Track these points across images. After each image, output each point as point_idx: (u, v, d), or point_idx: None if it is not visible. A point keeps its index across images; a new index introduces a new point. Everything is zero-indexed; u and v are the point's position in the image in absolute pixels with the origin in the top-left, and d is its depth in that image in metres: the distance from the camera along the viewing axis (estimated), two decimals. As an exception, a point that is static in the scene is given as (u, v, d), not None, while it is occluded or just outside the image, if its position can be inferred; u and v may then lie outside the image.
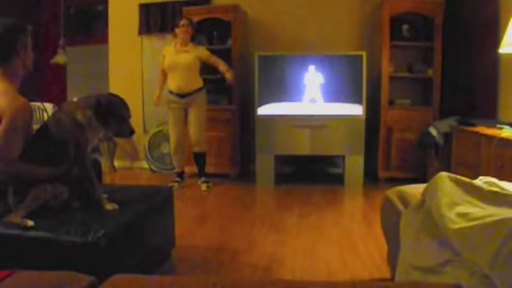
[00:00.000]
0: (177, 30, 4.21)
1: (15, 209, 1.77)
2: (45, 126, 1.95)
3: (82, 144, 1.93)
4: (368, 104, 4.40)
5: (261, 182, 4.48)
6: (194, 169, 4.68)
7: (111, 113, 1.95)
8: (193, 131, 4.25)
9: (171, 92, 4.23)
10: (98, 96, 1.96)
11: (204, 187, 4.32)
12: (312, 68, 4.35)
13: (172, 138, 4.32)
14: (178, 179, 4.43)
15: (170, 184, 4.30)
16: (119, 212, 1.93)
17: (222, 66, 4.19)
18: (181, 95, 4.17)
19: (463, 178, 1.66)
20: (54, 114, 2.03)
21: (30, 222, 1.71)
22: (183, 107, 4.24)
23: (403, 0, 4.39)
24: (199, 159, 4.35)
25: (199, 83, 4.23)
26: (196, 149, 4.30)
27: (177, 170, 4.45)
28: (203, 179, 4.38)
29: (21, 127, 1.79)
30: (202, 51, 4.21)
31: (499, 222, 1.28)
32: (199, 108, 4.24)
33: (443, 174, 1.66)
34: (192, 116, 4.24)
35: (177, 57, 4.14)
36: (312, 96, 4.38)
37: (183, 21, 4.19)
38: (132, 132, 2.06)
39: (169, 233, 2.41)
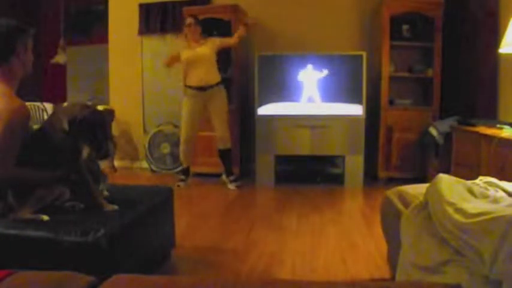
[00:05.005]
0: (186, 31, 4.23)
1: (19, 208, 1.77)
2: (42, 129, 1.96)
3: (72, 152, 1.89)
4: (368, 104, 4.40)
5: (261, 182, 4.48)
6: (196, 169, 4.67)
7: (85, 132, 1.84)
8: (218, 128, 4.23)
9: (190, 87, 4.19)
10: (75, 111, 1.85)
11: (232, 186, 4.30)
12: (310, 67, 4.35)
13: (184, 130, 4.28)
14: (183, 176, 4.40)
15: (176, 184, 4.28)
16: (119, 212, 1.93)
17: (234, 37, 4.22)
18: (203, 89, 4.14)
19: (461, 180, 1.69)
20: (48, 119, 2.02)
21: (46, 217, 1.73)
22: (202, 101, 4.20)
23: (403, 0, 4.39)
24: (225, 156, 4.32)
25: (218, 77, 4.22)
26: (221, 146, 4.28)
27: (183, 164, 4.42)
28: (231, 177, 4.35)
29: (17, 130, 1.76)
30: (214, 41, 4.22)
31: (496, 219, 1.29)
32: (221, 104, 4.22)
33: (443, 175, 1.69)
34: (214, 113, 4.21)
35: (195, 51, 4.14)
36: (310, 95, 4.38)
37: (189, 21, 4.17)
38: (104, 156, 1.95)
39: (169, 233, 2.41)
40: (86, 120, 1.85)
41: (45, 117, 4.83)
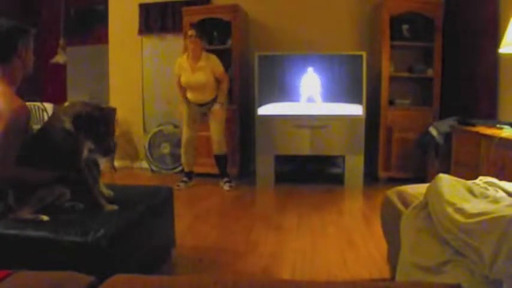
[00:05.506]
0: (186, 42, 4.20)
1: (19, 208, 1.77)
2: (42, 129, 1.96)
3: (74, 151, 1.89)
4: (368, 104, 4.40)
5: (261, 182, 4.48)
6: (196, 169, 4.67)
7: (89, 128, 1.87)
8: (213, 134, 4.26)
9: (189, 101, 4.25)
10: (78, 108, 1.88)
11: (226, 187, 4.32)
12: (309, 69, 4.35)
13: (185, 135, 4.31)
14: (185, 178, 4.41)
15: (177, 183, 4.29)
16: (119, 212, 1.93)
17: (221, 93, 4.19)
18: (201, 105, 4.24)
19: (461, 180, 1.69)
20: (48, 120, 2.03)
21: (45, 217, 1.73)
22: (201, 111, 4.28)
23: (403, 0, 4.39)
24: (221, 161, 4.36)
25: (216, 91, 4.22)
26: (217, 151, 4.31)
27: (185, 169, 4.44)
28: (225, 179, 4.38)
29: (18, 130, 1.76)
30: (216, 67, 4.13)
31: (496, 219, 1.29)
32: (219, 113, 4.22)
33: (443, 175, 1.69)
34: (212, 119, 4.25)
35: (193, 76, 4.11)
36: (310, 96, 4.38)
37: (190, 32, 4.10)
38: (107, 152, 1.98)
39: (169, 233, 2.42)
40: (90, 116, 1.87)
41: (45, 117, 4.83)
